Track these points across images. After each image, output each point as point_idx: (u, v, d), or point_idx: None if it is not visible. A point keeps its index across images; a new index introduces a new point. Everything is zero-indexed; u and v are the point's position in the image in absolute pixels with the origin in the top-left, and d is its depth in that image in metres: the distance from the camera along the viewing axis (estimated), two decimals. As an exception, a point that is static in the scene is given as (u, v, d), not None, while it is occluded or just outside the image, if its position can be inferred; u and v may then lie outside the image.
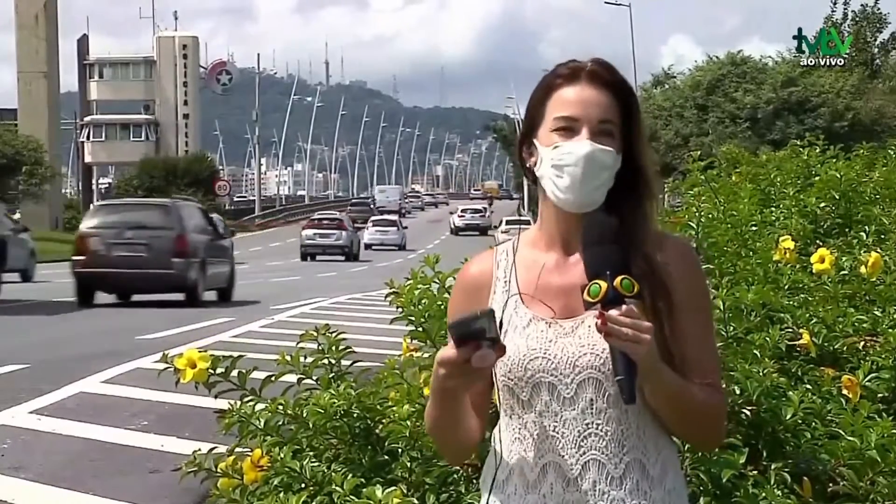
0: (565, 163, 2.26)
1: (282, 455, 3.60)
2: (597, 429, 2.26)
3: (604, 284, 2.16)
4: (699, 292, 2.35)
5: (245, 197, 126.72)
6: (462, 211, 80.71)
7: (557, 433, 2.27)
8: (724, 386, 2.54)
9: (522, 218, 68.91)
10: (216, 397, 3.72)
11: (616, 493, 2.25)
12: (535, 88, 2.36)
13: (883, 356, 3.88)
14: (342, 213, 63.01)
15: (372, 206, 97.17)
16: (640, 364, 2.16)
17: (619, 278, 2.16)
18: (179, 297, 22.56)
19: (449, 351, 2.17)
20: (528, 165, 2.36)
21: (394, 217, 73.65)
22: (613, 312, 2.14)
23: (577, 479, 2.26)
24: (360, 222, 65.53)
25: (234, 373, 3.75)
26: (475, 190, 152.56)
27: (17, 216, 28.85)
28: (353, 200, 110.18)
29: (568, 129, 2.28)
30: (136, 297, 23.24)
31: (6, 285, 23.14)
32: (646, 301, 2.24)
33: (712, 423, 2.34)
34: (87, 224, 23.45)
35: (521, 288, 2.33)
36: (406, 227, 67.74)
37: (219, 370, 3.66)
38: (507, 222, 65.46)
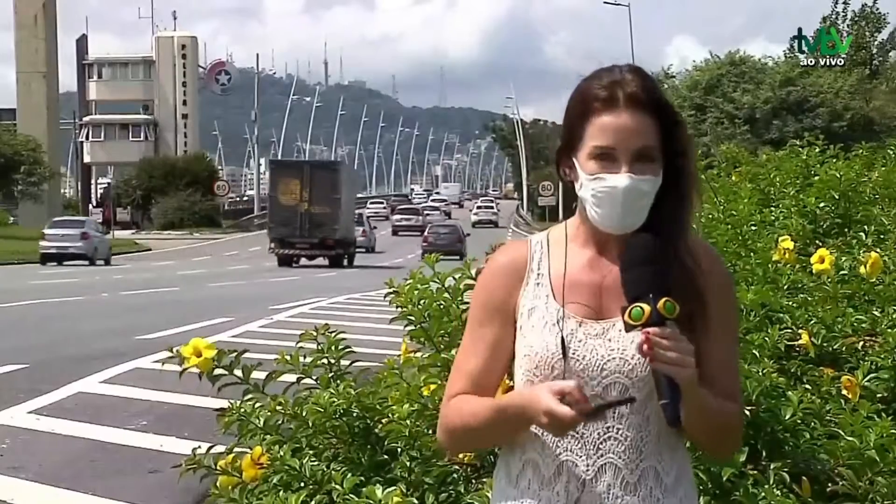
0: (606, 195, 2.26)
1: (281, 453, 3.60)
2: (617, 433, 2.25)
3: (647, 308, 2.13)
4: (730, 303, 2.36)
5: (233, 197, 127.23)
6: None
7: (577, 434, 2.25)
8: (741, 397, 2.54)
9: (489, 204, 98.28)
10: (219, 391, 3.72)
11: (629, 499, 2.24)
12: (570, 102, 2.33)
13: (882, 356, 3.87)
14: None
15: (411, 199, 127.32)
16: (683, 386, 2.15)
17: (662, 301, 2.14)
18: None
19: (566, 413, 2.13)
20: (568, 179, 2.34)
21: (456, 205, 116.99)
22: (657, 332, 2.12)
23: (592, 481, 2.25)
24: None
25: (237, 371, 3.75)
26: (493, 191, 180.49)
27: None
28: (394, 195, 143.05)
29: (606, 157, 2.26)
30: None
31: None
32: (681, 310, 2.21)
33: (733, 436, 2.35)
34: (427, 230, 57.05)
35: (553, 283, 2.32)
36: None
37: (223, 363, 3.66)
38: (478, 206, 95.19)
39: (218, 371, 3.70)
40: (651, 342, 2.12)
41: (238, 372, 3.76)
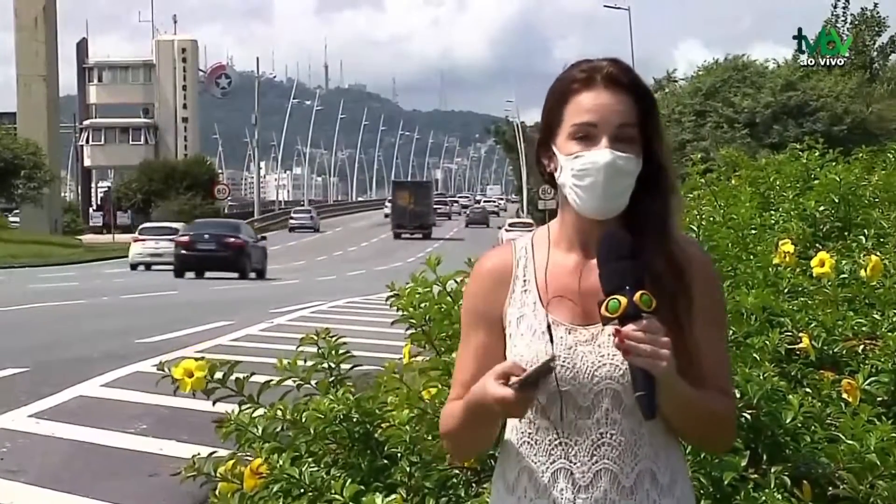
0: (586, 172, 2.23)
1: (280, 462, 3.59)
2: (611, 438, 2.24)
3: (623, 300, 2.12)
4: (717, 302, 2.33)
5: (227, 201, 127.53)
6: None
7: (571, 440, 2.24)
8: (734, 390, 2.52)
9: (494, 200, 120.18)
10: (214, 404, 3.72)
11: (626, 502, 2.24)
12: (549, 92, 2.32)
13: (882, 359, 3.87)
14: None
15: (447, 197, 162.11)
16: (659, 379, 2.13)
17: (638, 294, 2.13)
18: None
19: (506, 393, 2.13)
20: (548, 171, 2.32)
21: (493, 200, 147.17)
22: (631, 328, 2.11)
23: (589, 486, 2.24)
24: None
25: (233, 378, 3.74)
26: (514, 196, 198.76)
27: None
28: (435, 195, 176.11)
29: (586, 136, 2.24)
30: None
31: None
32: (666, 303, 2.20)
33: (722, 429, 2.32)
34: (468, 211, 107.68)
35: (539, 289, 2.29)
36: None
37: (216, 376, 3.65)
38: (485, 200, 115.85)
39: (213, 383, 3.68)
40: (623, 336, 2.11)
41: (233, 381, 3.75)
